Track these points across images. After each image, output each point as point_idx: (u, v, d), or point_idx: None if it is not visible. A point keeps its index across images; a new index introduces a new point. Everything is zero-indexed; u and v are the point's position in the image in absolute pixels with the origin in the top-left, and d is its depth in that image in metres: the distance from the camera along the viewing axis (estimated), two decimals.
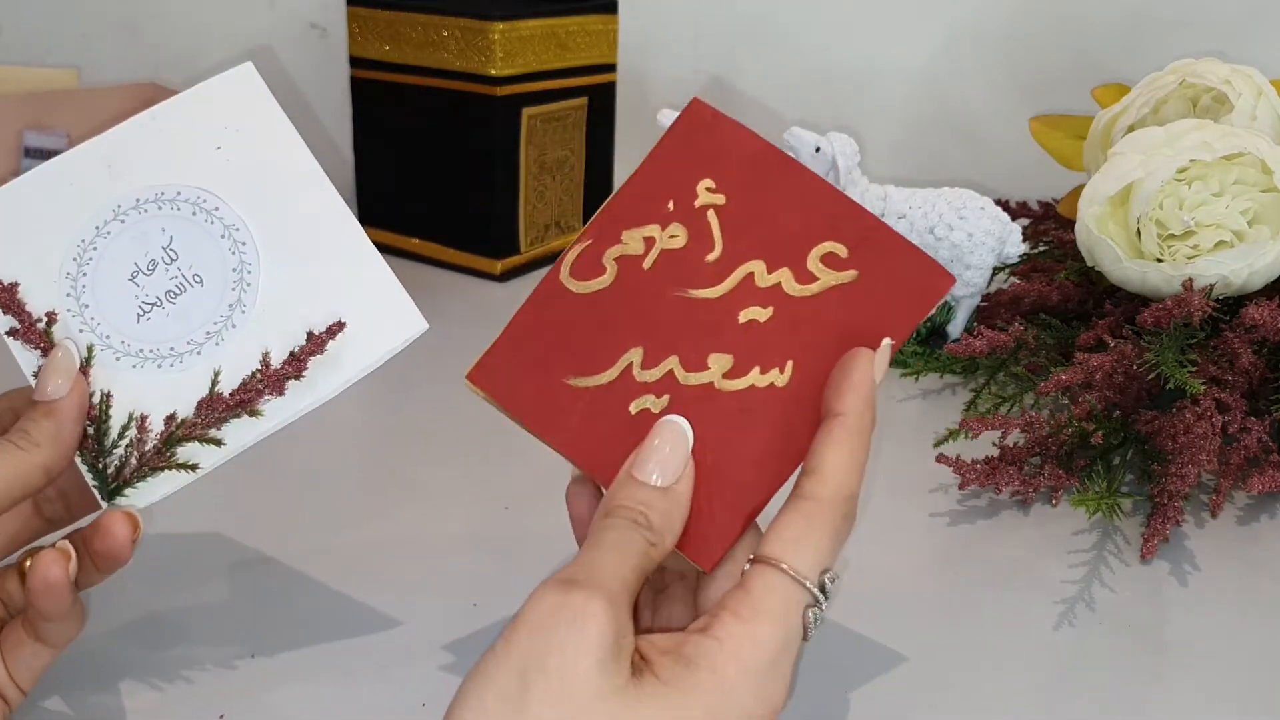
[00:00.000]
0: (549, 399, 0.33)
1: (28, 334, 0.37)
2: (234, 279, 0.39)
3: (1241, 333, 0.58)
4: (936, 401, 0.68)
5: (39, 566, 0.34)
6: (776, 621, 0.30)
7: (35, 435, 0.35)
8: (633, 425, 0.32)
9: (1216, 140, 0.61)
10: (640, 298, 0.33)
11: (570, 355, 0.33)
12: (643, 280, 0.33)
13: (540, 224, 0.92)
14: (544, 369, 0.33)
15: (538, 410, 0.32)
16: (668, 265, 0.33)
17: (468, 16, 0.84)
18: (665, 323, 0.33)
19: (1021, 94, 1.09)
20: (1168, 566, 0.51)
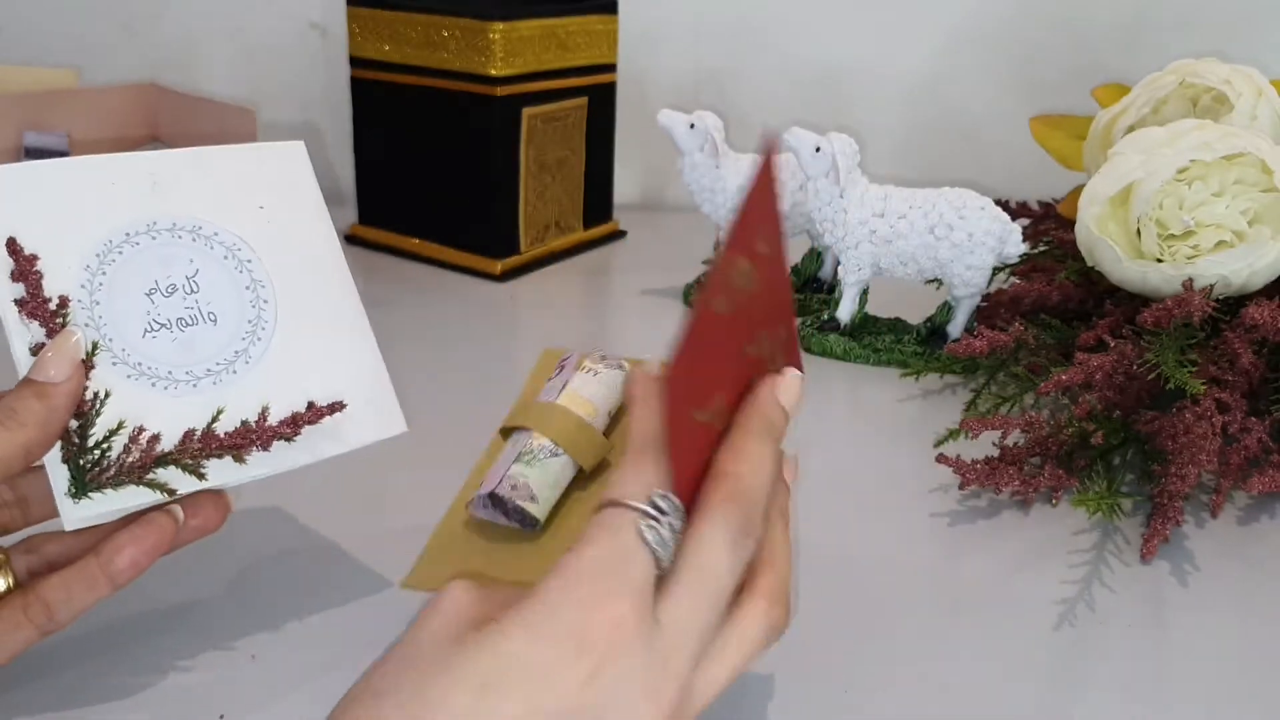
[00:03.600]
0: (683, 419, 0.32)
1: (34, 308, 0.37)
2: (248, 330, 0.40)
3: (1241, 333, 0.58)
4: (936, 401, 0.68)
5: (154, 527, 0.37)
6: (600, 541, 0.31)
7: (23, 415, 0.35)
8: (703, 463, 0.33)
9: (1216, 140, 0.61)
10: (733, 340, 0.33)
11: (697, 386, 0.32)
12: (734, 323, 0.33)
13: (540, 224, 0.92)
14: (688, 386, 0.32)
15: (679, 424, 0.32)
16: (747, 309, 0.34)
17: (468, 16, 0.84)
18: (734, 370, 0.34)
19: (1021, 94, 1.09)
20: (1168, 566, 0.51)
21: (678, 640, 0.30)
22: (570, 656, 0.29)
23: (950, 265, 0.70)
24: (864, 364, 0.74)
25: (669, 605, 0.30)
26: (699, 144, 0.79)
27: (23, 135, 0.76)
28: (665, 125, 0.78)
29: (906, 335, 0.75)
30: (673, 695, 0.30)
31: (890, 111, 1.12)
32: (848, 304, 0.75)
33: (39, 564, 0.39)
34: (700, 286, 0.31)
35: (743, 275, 0.33)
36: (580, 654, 0.29)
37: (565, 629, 0.29)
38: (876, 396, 0.69)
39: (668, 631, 0.30)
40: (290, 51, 1.10)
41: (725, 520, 0.32)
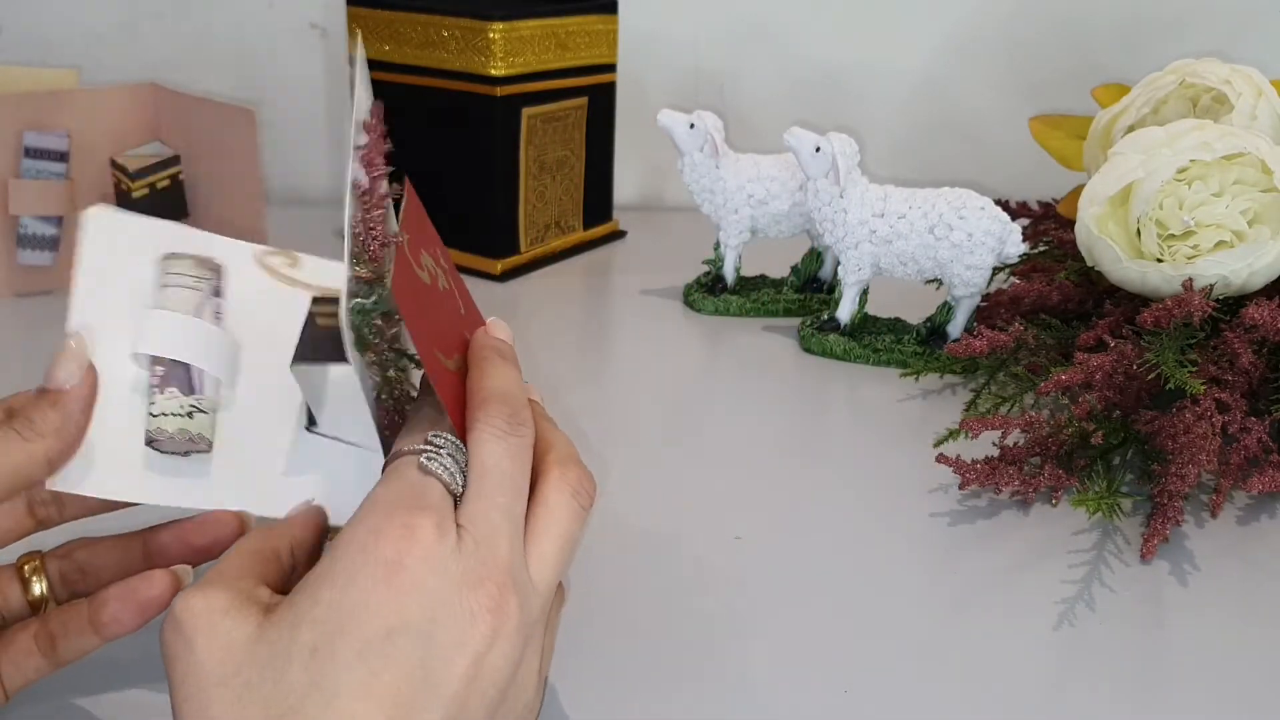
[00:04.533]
0: (434, 358, 0.34)
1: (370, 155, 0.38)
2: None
3: (1241, 333, 0.58)
4: (936, 401, 0.68)
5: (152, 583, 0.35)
6: (385, 482, 0.31)
7: (40, 425, 0.35)
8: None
9: (1216, 140, 0.61)
10: (447, 314, 0.37)
11: (433, 330, 0.35)
12: (443, 301, 0.37)
13: (540, 224, 0.92)
14: (426, 325, 0.34)
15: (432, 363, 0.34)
16: (450, 300, 0.38)
17: (467, 16, 0.84)
18: (459, 343, 0.37)
19: (1021, 94, 1.09)
20: (1168, 566, 0.51)
21: (482, 533, 0.31)
22: (381, 580, 0.29)
23: (950, 265, 0.70)
24: (864, 364, 0.74)
25: (464, 510, 0.31)
26: (699, 144, 0.79)
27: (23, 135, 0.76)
28: (665, 125, 0.78)
29: (906, 335, 0.75)
30: (496, 577, 0.30)
31: (890, 111, 1.12)
32: (847, 304, 0.75)
33: (71, 570, 0.38)
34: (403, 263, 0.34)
35: (435, 264, 0.37)
36: (390, 574, 0.29)
37: (367, 560, 0.29)
38: (876, 396, 0.69)
39: (469, 530, 0.31)
40: (290, 51, 1.10)
41: (488, 419, 0.33)
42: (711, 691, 0.42)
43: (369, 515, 0.30)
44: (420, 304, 0.35)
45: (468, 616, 0.29)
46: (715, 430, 0.65)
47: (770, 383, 0.71)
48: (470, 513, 0.31)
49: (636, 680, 0.42)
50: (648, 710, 0.41)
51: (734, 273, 0.83)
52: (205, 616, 0.30)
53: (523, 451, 0.33)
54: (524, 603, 0.31)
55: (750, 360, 0.75)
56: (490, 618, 0.30)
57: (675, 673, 0.43)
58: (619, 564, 0.50)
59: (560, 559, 0.33)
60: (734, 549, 0.52)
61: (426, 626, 0.29)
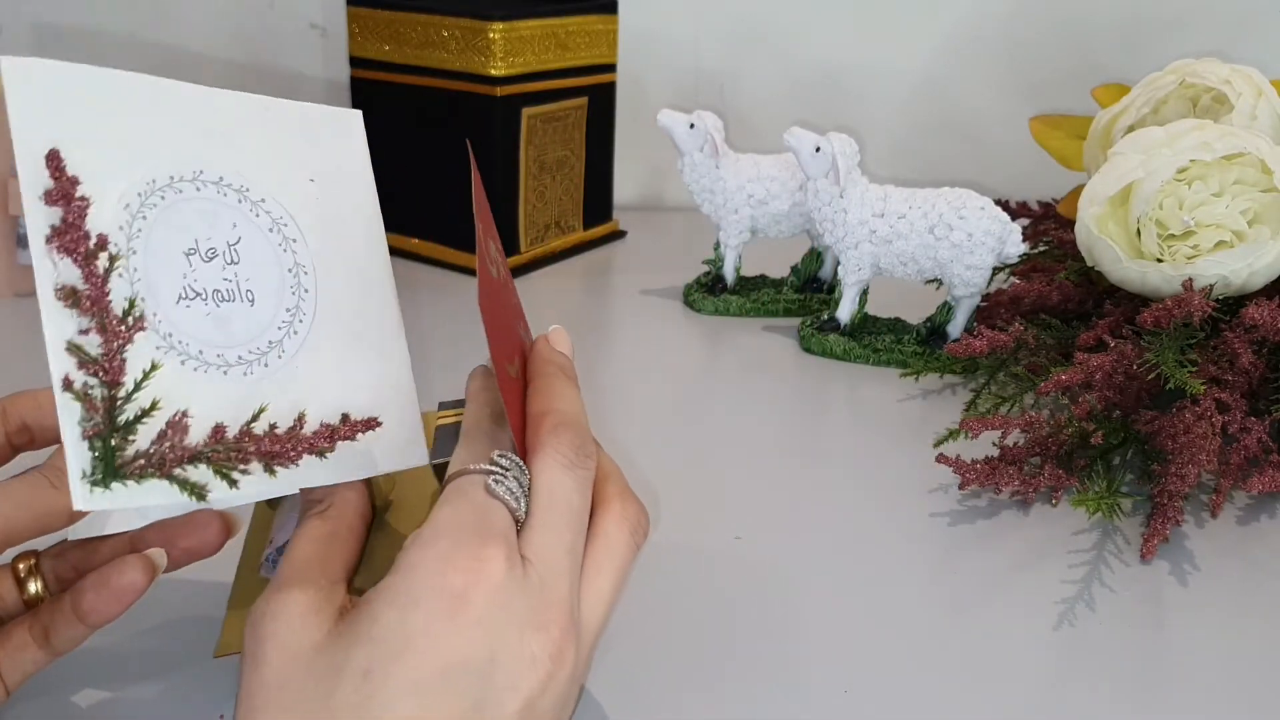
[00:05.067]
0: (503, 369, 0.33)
1: (68, 242, 0.30)
2: (285, 318, 0.35)
3: (1241, 333, 0.58)
4: (936, 401, 0.68)
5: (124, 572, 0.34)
6: (453, 501, 0.31)
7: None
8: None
9: (1216, 140, 0.61)
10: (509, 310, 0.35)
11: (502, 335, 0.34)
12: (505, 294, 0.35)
13: (540, 224, 0.92)
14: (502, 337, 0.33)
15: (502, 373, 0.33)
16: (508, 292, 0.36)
17: (467, 16, 0.84)
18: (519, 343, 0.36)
19: (1021, 94, 1.09)
20: (1168, 566, 0.51)
21: (548, 568, 0.30)
22: (445, 613, 0.28)
23: (950, 265, 0.70)
24: (864, 364, 0.74)
25: (530, 541, 0.31)
26: (699, 144, 0.79)
27: None
28: (665, 125, 0.78)
29: (906, 335, 0.75)
30: (560, 620, 0.30)
31: (890, 111, 1.12)
32: (847, 304, 0.75)
33: (66, 569, 0.38)
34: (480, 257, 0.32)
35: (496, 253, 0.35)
36: (455, 608, 0.28)
37: (433, 588, 0.28)
38: (876, 396, 0.69)
39: (535, 564, 0.30)
40: (290, 51, 1.10)
41: (557, 449, 0.32)
42: (711, 691, 0.42)
43: (437, 539, 0.30)
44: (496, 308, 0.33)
45: (528, 660, 0.29)
46: (715, 430, 0.65)
47: (770, 383, 0.71)
48: (537, 545, 0.31)
49: (636, 680, 0.42)
50: (647, 710, 0.41)
51: (734, 273, 0.83)
52: (280, 620, 0.30)
53: (587, 484, 0.33)
54: (578, 645, 0.30)
55: (750, 360, 0.75)
56: (550, 664, 0.29)
57: (675, 672, 0.43)
58: None
59: (614, 598, 0.33)
60: (734, 549, 0.52)
61: (485, 666, 0.28)
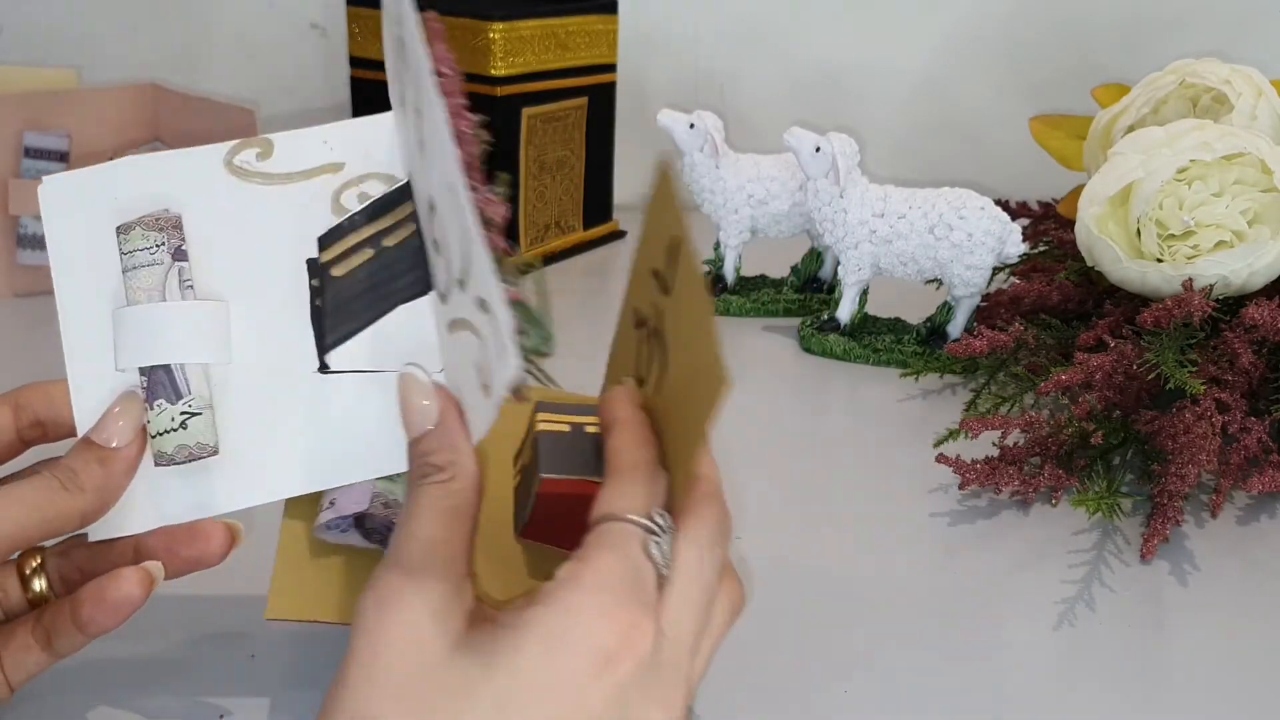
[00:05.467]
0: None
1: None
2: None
3: (1241, 333, 0.58)
4: (936, 401, 0.68)
5: (121, 585, 0.34)
6: (613, 551, 0.30)
7: (83, 480, 0.34)
8: None
9: (1216, 140, 0.61)
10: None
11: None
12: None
13: (540, 224, 0.92)
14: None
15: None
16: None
17: (468, 16, 0.84)
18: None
19: (1021, 94, 1.09)
20: (1168, 566, 0.51)
21: (680, 647, 0.30)
22: (593, 669, 0.28)
23: (950, 265, 0.70)
24: (864, 364, 0.74)
25: (669, 614, 0.30)
26: (699, 144, 0.79)
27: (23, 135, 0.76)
28: (665, 125, 0.78)
29: (906, 335, 0.75)
30: (682, 702, 0.30)
31: (890, 111, 1.12)
32: (848, 304, 0.75)
33: (70, 570, 0.38)
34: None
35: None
36: (604, 667, 0.28)
37: (587, 641, 0.28)
38: (876, 396, 0.69)
39: (671, 640, 0.30)
40: (290, 51, 1.10)
41: (706, 524, 0.32)
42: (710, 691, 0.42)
43: (600, 590, 0.29)
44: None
45: (655, 702, 0.29)
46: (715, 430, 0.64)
47: (770, 383, 0.71)
48: (674, 620, 0.31)
49: None
50: None
51: (734, 273, 0.83)
52: (410, 613, 0.29)
53: (724, 563, 0.33)
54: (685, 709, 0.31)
55: (750, 360, 0.75)
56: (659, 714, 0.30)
57: None
58: None
59: (708, 664, 0.33)
60: (733, 549, 0.51)
61: (623, 707, 0.28)
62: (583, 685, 0.28)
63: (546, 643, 0.28)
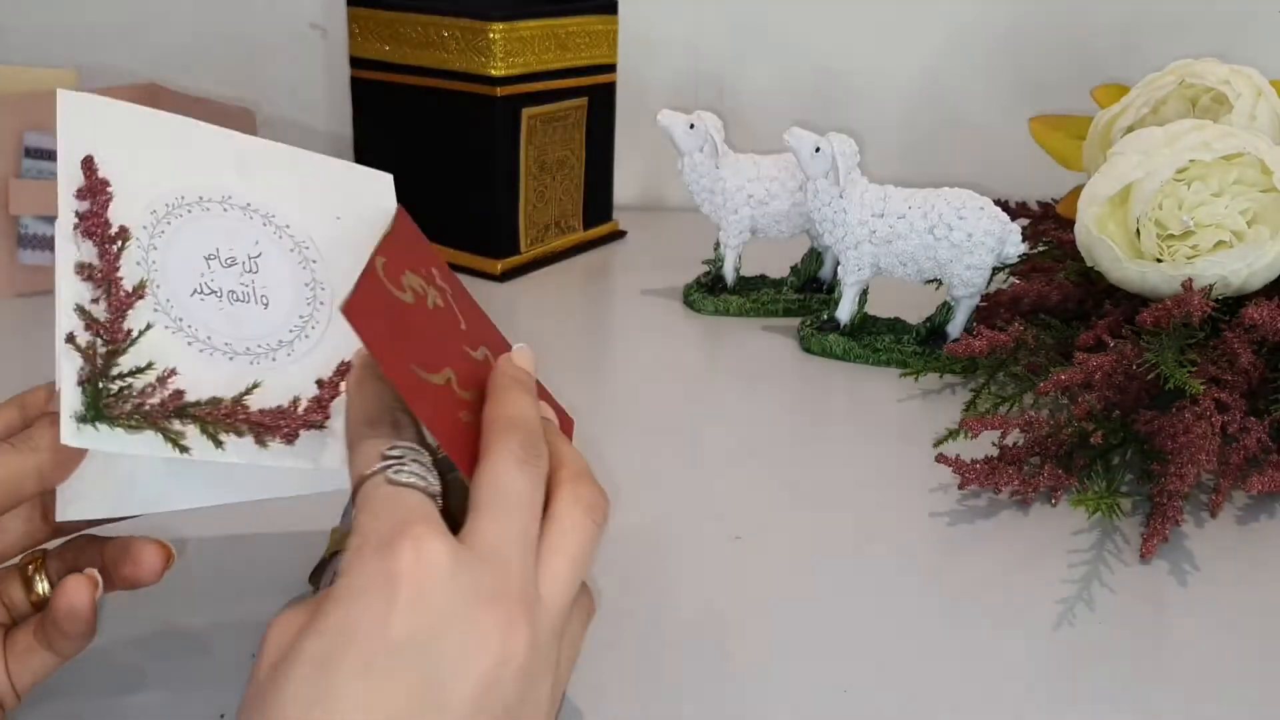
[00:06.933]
0: (406, 372, 0.34)
1: (91, 226, 0.36)
2: (298, 324, 0.39)
3: (1241, 333, 0.58)
4: (936, 401, 0.68)
5: (66, 591, 0.35)
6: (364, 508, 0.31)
7: (37, 440, 0.35)
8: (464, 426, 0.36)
9: (1216, 140, 0.61)
10: (436, 330, 0.37)
11: (412, 347, 0.35)
12: (432, 317, 0.38)
13: (540, 224, 0.92)
14: (397, 343, 0.35)
15: (403, 375, 0.34)
16: (443, 316, 0.38)
17: (467, 16, 0.84)
18: (455, 357, 0.38)
19: (1021, 94, 1.09)
20: (1167, 566, 0.51)
21: (492, 550, 0.30)
22: (382, 599, 0.28)
23: (950, 265, 0.70)
24: (864, 364, 0.74)
25: (474, 529, 0.31)
26: (698, 144, 0.79)
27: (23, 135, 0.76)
28: (665, 125, 0.78)
29: (906, 335, 0.75)
30: (511, 598, 0.30)
31: (890, 111, 1.12)
32: (847, 304, 0.75)
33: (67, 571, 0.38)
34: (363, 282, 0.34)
35: (416, 282, 0.37)
36: (391, 591, 0.28)
37: (367, 579, 0.29)
38: (876, 396, 0.69)
39: (481, 548, 0.30)
40: (290, 51, 1.10)
41: (507, 447, 0.33)
42: (711, 691, 0.42)
43: (365, 541, 0.30)
44: (389, 323, 0.35)
45: (478, 635, 0.29)
46: (715, 430, 0.65)
47: (770, 383, 0.71)
48: (480, 531, 0.31)
49: (636, 680, 0.42)
50: (647, 709, 0.41)
51: (734, 273, 0.83)
52: (277, 623, 0.30)
53: (539, 478, 0.33)
54: (535, 621, 0.30)
55: (750, 360, 0.75)
56: (500, 636, 0.29)
57: (675, 672, 0.43)
58: (619, 564, 0.50)
59: (573, 575, 0.33)
60: (734, 549, 0.52)
61: (433, 644, 0.28)
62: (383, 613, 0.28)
63: (342, 599, 0.29)
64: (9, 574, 0.38)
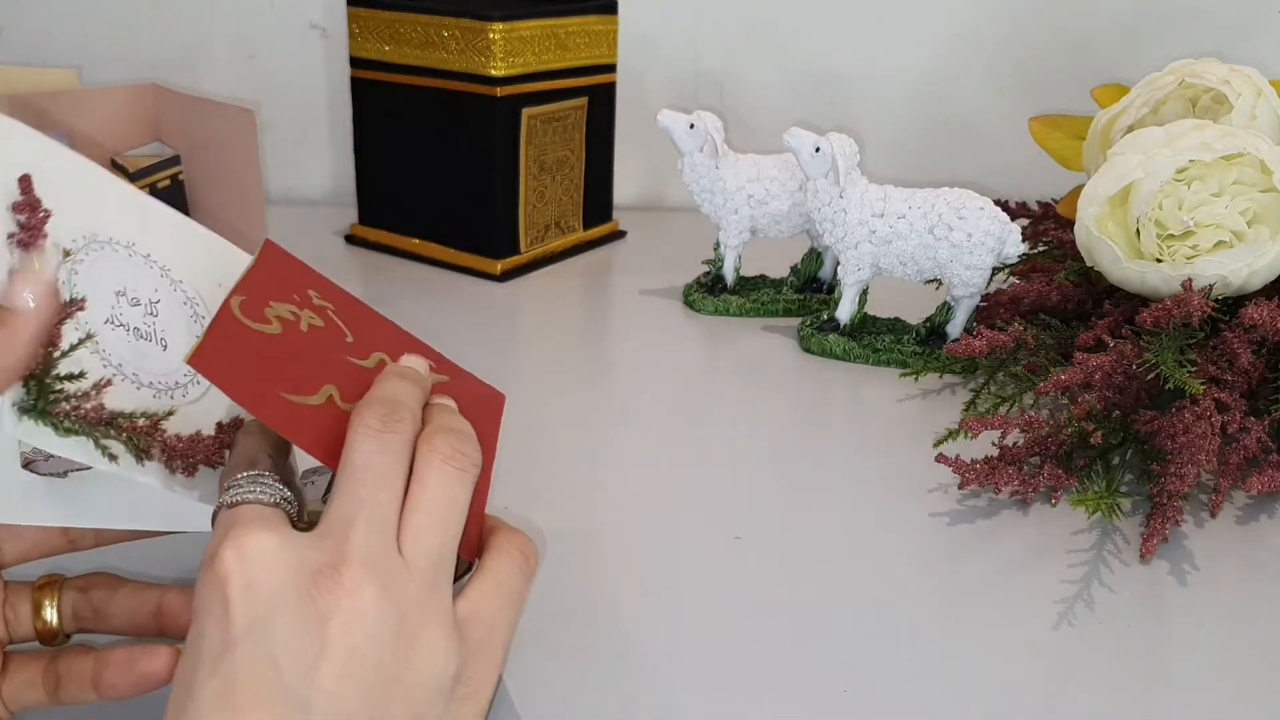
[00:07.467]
0: (273, 402, 0.36)
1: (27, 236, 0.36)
2: (189, 371, 0.41)
3: (1241, 333, 0.58)
4: (936, 401, 0.68)
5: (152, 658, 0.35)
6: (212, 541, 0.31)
7: None
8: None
9: (1216, 140, 0.61)
10: (313, 350, 0.39)
11: (278, 375, 0.36)
12: (307, 339, 0.39)
13: (540, 224, 0.92)
14: (259, 378, 0.36)
15: (268, 407, 0.35)
16: (321, 335, 0.40)
17: (468, 16, 0.84)
18: (338, 372, 0.39)
19: (1021, 94, 1.09)
20: (1167, 566, 0.51)
21: (332, 525, 0.31)
22: (217, 604, 0.29)
23: (949, 265, 0.70)
24: (863, 364, 0.74)
25: (327, 511, 0.31)
26: (699, 144, 0.79)
27: None
28: (665, 125, 0.78)
29: (906, 335, 0.75)
30: (338, 561, 0.30)
31: (890, 111, 1.12)
32: (847, 304, 0.75)
33: (84, 607, 0.38)
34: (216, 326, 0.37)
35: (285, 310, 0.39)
36: (223, 595, 0.29)
37: (203, 593, 0.29)
38: (876, 396, 0.69)
39: (325, 526, 0.31)
40: (290, 51, 1.10)
41: (360, 420, 0.33)
42: (712, 691, 0.42)
43: (205, 554, 0.30)
44: (249, 360, 0.36)
45: (315, 607, 0.29)
46: (715, 430, 0.65)
47: (770, 383, 0.71)
48: (330, 510, 0.31)
49: (636, 679, 0.42)
50: (648, 709, 0.41)
51: (734, 273, 0.83)
52: None
53: (396, 446, 0.33)
54: (387, 580, 0.30)
55: (750, 360, 0.75)
56: (335, 599, 0.29)
57: (676, 672, 0.43)
58: (619, 564, 0.50)
59: (437, 527, 0.32)
60: (734, 549, 0.52)
61: (270, 625, 0.28)
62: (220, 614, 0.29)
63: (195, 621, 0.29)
64: (18, 591, 0.37)
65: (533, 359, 0.74)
